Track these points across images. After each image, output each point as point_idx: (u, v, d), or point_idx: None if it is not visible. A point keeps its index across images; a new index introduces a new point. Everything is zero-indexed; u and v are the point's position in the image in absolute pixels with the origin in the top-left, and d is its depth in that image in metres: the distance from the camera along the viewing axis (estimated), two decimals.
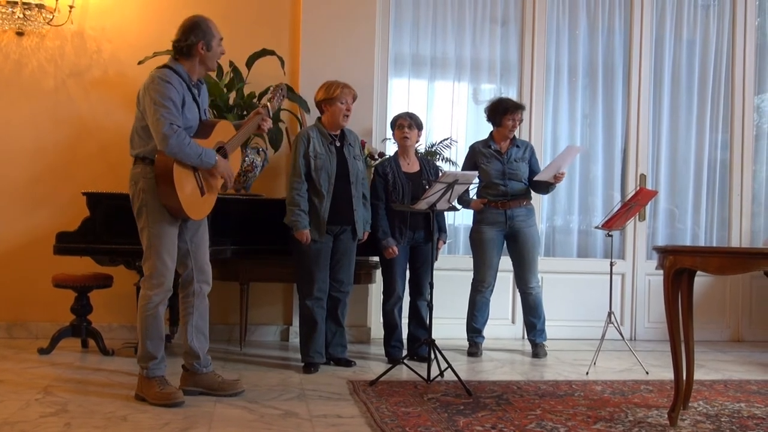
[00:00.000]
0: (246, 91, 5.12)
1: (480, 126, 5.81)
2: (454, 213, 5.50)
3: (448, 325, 5.43)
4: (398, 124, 4.87)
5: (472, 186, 5.03)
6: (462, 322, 5.24)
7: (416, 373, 4.21)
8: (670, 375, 3.65)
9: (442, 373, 4.14)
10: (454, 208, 4.50)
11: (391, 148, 5.64)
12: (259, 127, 3.84)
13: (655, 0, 6.13)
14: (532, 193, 5.20)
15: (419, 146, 5.27)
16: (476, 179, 4.86)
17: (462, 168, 5.29)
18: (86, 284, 4.78)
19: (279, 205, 4.72)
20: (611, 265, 4.90)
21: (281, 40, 5.52)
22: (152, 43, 5.11)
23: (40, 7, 5.12)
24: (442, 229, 4.95)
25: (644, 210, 5.92)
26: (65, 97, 5.37)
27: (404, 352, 4.79)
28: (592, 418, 3.50)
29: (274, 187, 5.51)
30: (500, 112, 5.08)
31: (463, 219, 5.83)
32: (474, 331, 5.19)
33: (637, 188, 5.32)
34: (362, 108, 4.82)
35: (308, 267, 4.47)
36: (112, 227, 4.38)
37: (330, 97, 4.48)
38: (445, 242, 5.04)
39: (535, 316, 5.17)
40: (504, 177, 5.08)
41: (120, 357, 4.69)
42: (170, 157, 3.46)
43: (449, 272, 5.48)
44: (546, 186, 5.12)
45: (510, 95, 5.85)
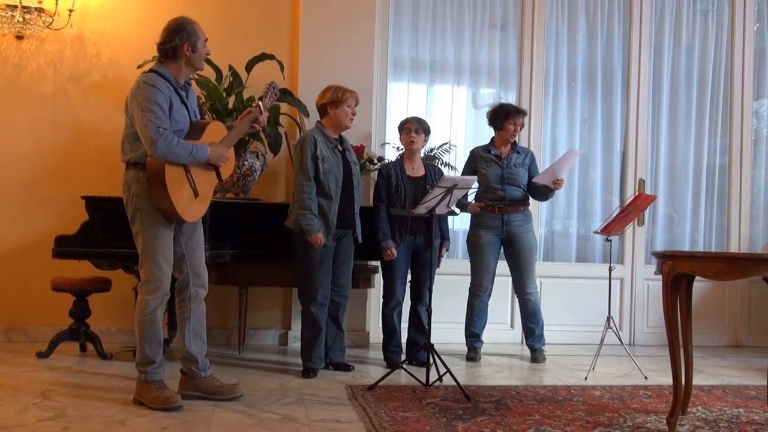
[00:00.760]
0: (245, 95, 5.11)
1: (479, 130, 5.82)
2: (453, 218, 5.49)
3: (447, 329, 5.44)
4: (406, 128, 4.87)
5: (471, 190, 5.04)
6: (461, 326, 5.24)
7: (415, 378, 4.21)
8: (668, 380, 3.66)
9: (440, 378, 4.14)
10: (453, 213, 4.50)
11: (390, 152, 5.64)
12: (255, 123, 3.80)
13: (654, 5, 6.13)
14: (530, 198, 5.20)
15: None
16: (475, 183, 4.86)
17: (462, 173, 5.29)
18: (85, 288, 4.78)
19: (278, 209, 4.72)
20: (610, 269, 4.89)
21: (280, 44, 5.52)
22: (151, 47, 4.98)
23: (39, 10, 5.12)
24: (445, 237, 4.94)
25: (643, 215, 5.91)
26: (64, 100, 5.37)
27: (403, 357, 4.79)
28: (591, 423, 3.50)
29: (273, 191, 5.51)
30: (502, 116, 5.08)
31: (461, 223, 5.82)
32: (472, 336, 5.19)
33: (636, 193, 5.33)
34: (361, 112, 4.82)
35: (312, 271, 4.43)
36: (111, 231, 4.36)
37: (338, 100, 4.47)
38: (447, 249, 5.03)
39: (533, 321, 5.17)
40: (502, 182, 5.08)
41: (118, 361, 4.69)
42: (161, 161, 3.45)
43: (448, 277, 5.47)
44: (545, 192, 5.12)
45: (509, 100, 5.86)
